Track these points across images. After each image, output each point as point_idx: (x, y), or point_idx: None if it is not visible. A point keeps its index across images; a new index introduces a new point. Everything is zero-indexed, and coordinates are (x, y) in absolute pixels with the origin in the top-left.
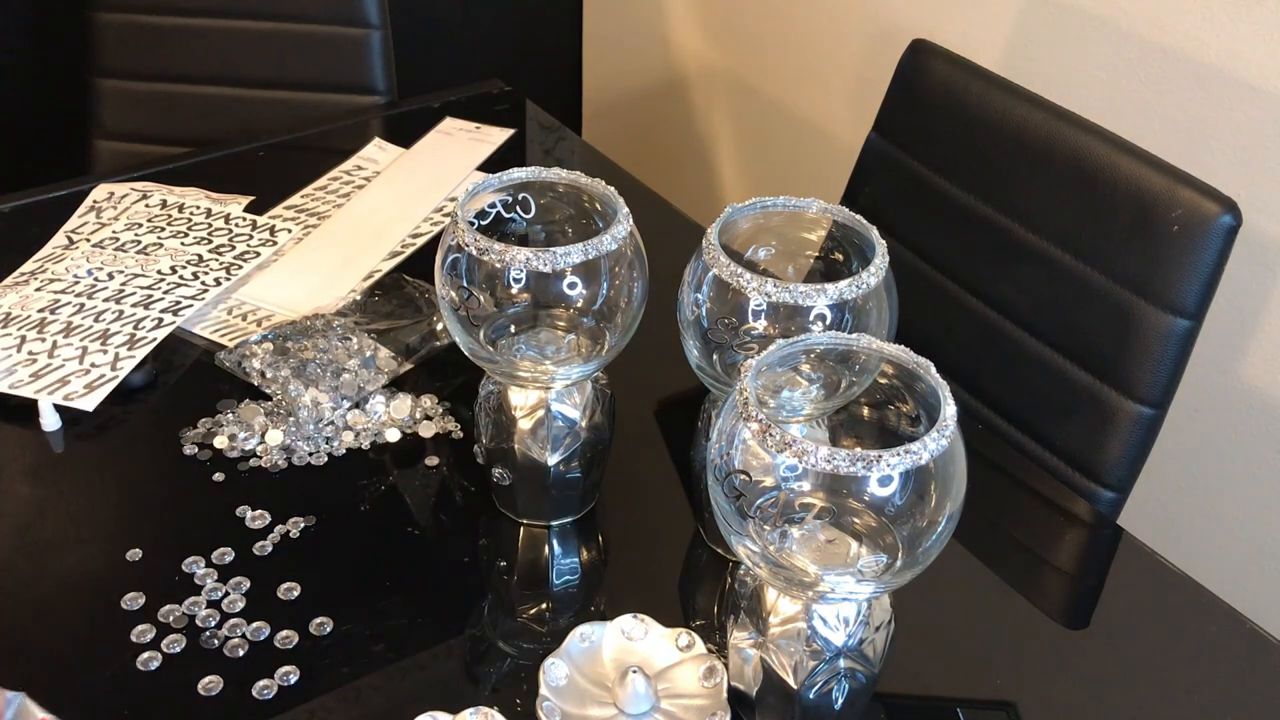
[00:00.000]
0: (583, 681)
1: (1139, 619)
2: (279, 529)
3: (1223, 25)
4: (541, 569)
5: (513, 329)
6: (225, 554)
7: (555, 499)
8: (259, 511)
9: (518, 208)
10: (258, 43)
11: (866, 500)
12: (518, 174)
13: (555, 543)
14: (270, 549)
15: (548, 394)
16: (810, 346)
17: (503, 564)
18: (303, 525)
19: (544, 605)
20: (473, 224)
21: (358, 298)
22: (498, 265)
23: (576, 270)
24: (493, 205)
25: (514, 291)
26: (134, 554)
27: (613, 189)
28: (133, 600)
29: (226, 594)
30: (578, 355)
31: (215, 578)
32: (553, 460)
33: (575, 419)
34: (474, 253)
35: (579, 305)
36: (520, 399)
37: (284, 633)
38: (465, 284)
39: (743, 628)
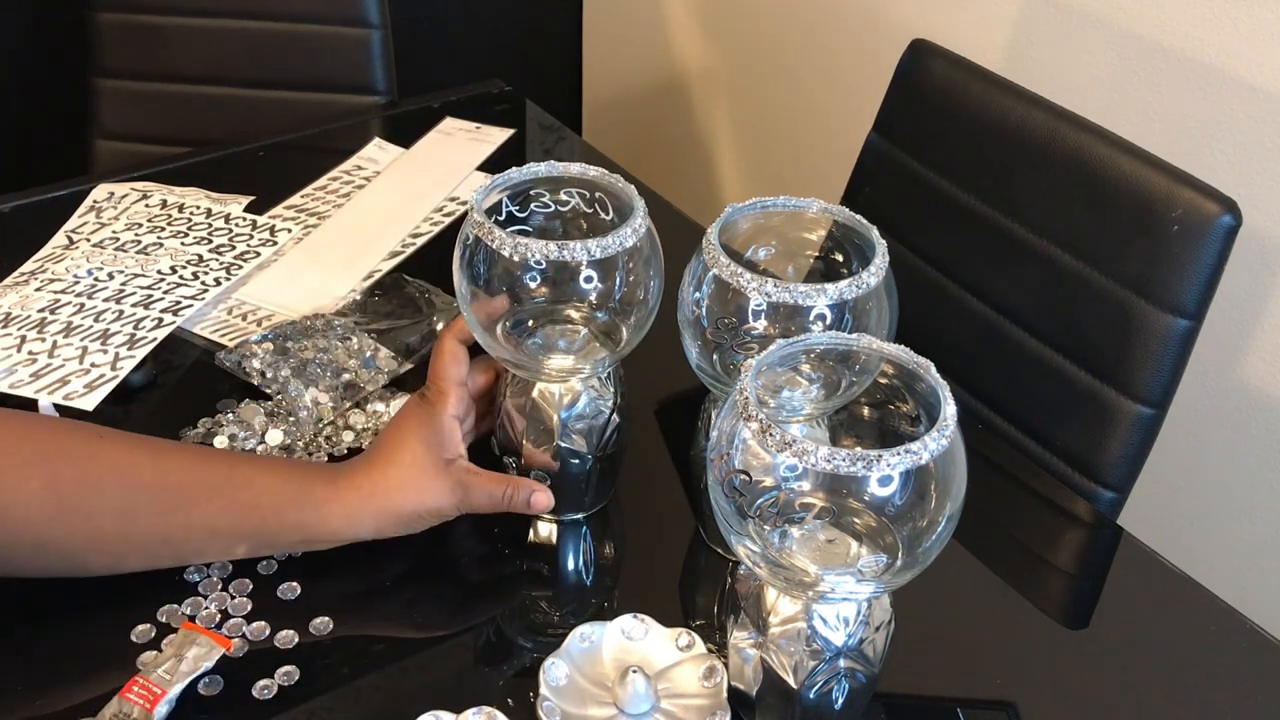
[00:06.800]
0: (583, 681)
1: (1139, 619)
2: None
3: (1223, 25)
4: (542, 567)
5: (529, 323)
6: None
7: (565, 494)
8: None
9: (533, 203)
10: (258, 43)
11: (866, 500)
12: (534, 169)
13: (556, 540)
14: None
15: (562, 388)
16: (810, 346)
17: (503, 559)
18: None
19: (545, 604)
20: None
21: (358, 298)
22: (515, 259)
23: (593, 265)
24: (508, 200)
25: (530, 286)
26: None
27: (631, 185)
28: (133, 601)
29: (227, 594)
30: (592, 350)
31: (215, 578)
32: (564, 453)
33: (588, 413)
34: (492, 246)
35: (594, 300)
36: (535, 393)
37: (284, 633)
38: (482, 278)
39: (743, 628)
